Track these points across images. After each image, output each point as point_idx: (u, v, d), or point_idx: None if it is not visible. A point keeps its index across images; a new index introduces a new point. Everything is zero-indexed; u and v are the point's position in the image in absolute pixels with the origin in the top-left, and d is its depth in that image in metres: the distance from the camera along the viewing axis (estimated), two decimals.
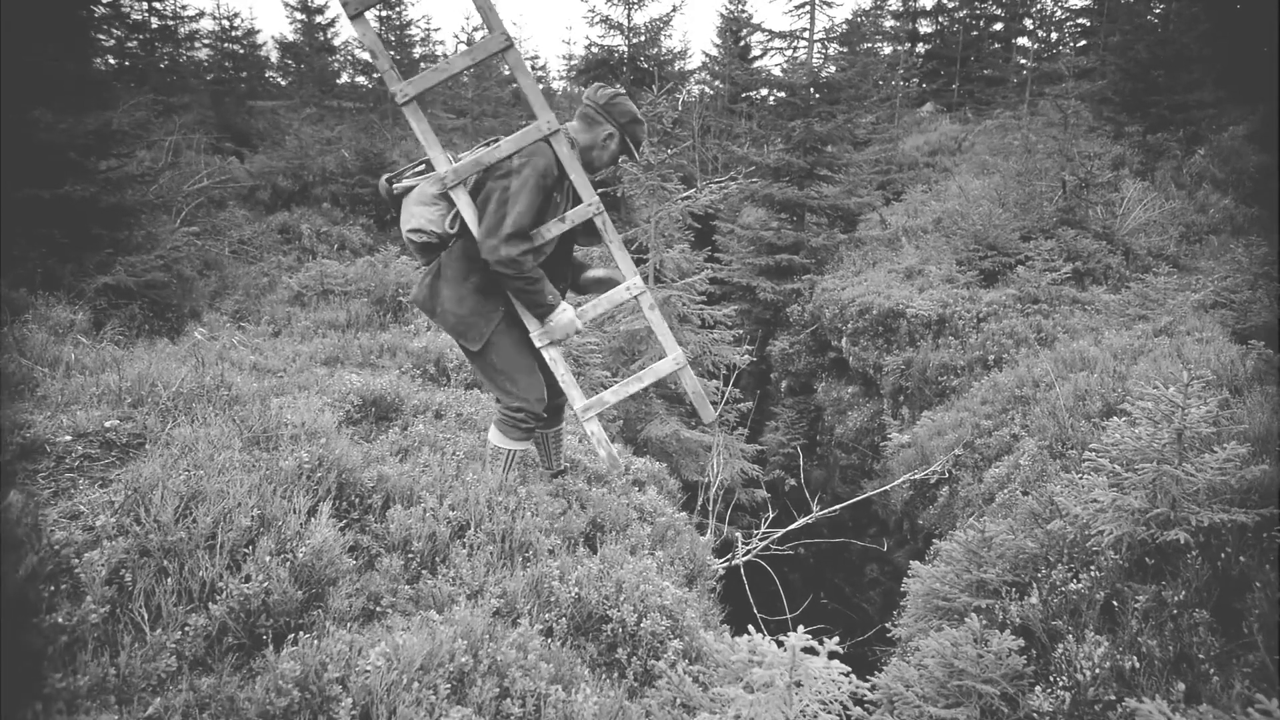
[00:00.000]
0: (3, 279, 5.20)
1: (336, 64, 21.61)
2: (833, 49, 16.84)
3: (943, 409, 6.78)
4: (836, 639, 2.15)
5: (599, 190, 3.30)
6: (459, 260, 2.91)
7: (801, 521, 4.80)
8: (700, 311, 7.75)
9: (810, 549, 6.63)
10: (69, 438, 2.86)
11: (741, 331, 8.57)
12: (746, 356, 7.90)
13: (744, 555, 4.52)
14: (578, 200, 3.03)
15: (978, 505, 4.93)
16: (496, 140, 2.96)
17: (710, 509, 4.87)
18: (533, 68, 27.77)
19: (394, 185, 3.00)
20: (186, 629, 2.01)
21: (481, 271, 2.88)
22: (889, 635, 3.67)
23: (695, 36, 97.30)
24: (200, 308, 6.83)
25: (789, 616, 4.60)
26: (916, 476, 5.56)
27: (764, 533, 4.78)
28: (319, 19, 21.45)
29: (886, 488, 6.10)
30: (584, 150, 2.99)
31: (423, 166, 3.04)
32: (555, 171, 2.86)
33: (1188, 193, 10.91)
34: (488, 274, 2.87)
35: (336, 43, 21.76)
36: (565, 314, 3.00)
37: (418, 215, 2.88)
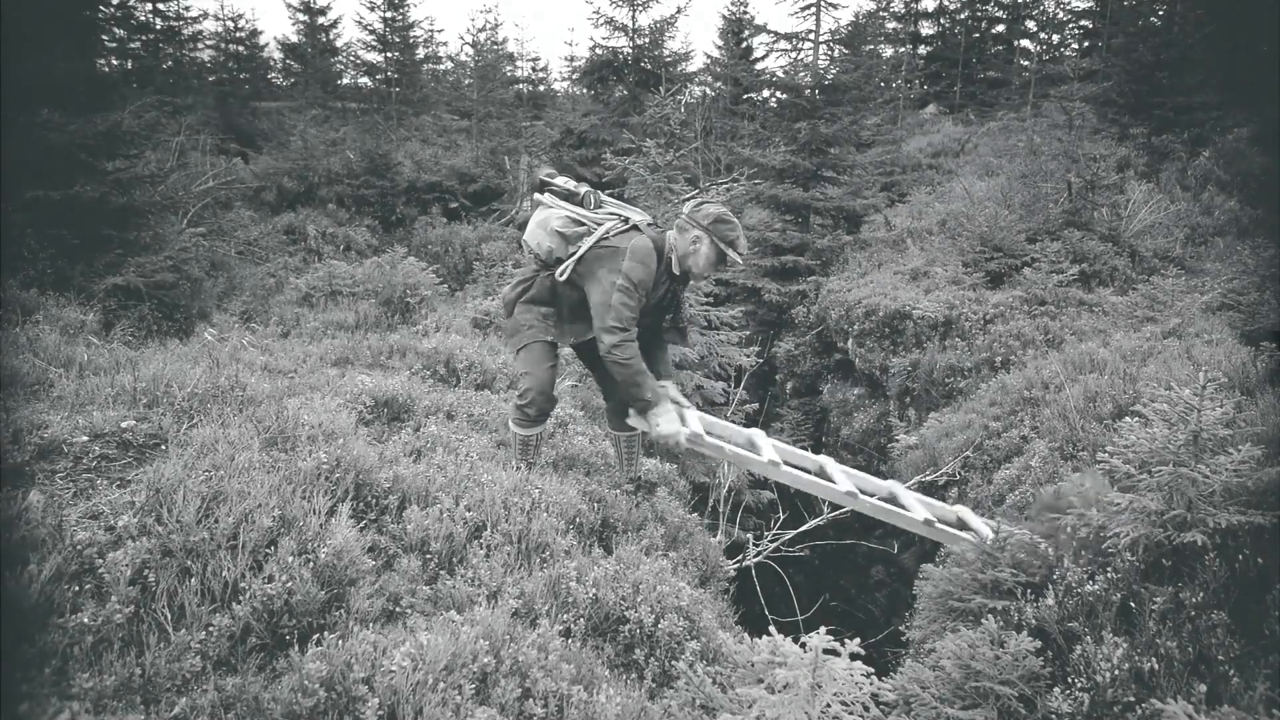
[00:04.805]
0: (10, 279, 5.21)
1: (339, 65, 21.65)
2: (837, 51, 16.84)
3: (950, 411, 6.77)
4: (857, 640, 2.15)
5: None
6: (544, 289, 3.36)
7: (814, 523, 4.80)
8: (706, 313, 7.75)
9: (815, 551, 6.63)
10: (86, 438, 2.87)
11: (748, 333, 8.57)
12: (753, 358, 7.89)
13: (756, 556, 4.52)
14: (662, 301, 3.33)
15: (987, 507, 4.92)
16: (621, 218, 3.30)
17: (720, 511, 4.87)
18: (534, 69, 27.79)
19: (544, 185, 3.44)
20: (210, 629, 2.02)
21: (549, 304, 3.37)
22: (902, 637, 3.67)
23: (697, 38, 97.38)
24: (209, 308, 6.84)
25: (800, 618, 4.60)
26: (926, 478, 5.56)
27: (775, 534, 4.78)
28: (321, 20, 21.50)
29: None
30: (681, 258, 3.24)
31: (569, 189, 3.39)
32: (650, 281, 3.15)
33: (1193, 195, 10.90)
34: (553, 306, 3.36)
35: (339, 44, 21.82)
36: (667, 425, 3.14)
37: (537, 235, 3.30)
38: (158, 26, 17.97)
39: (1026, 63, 22.47)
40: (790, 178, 12.22)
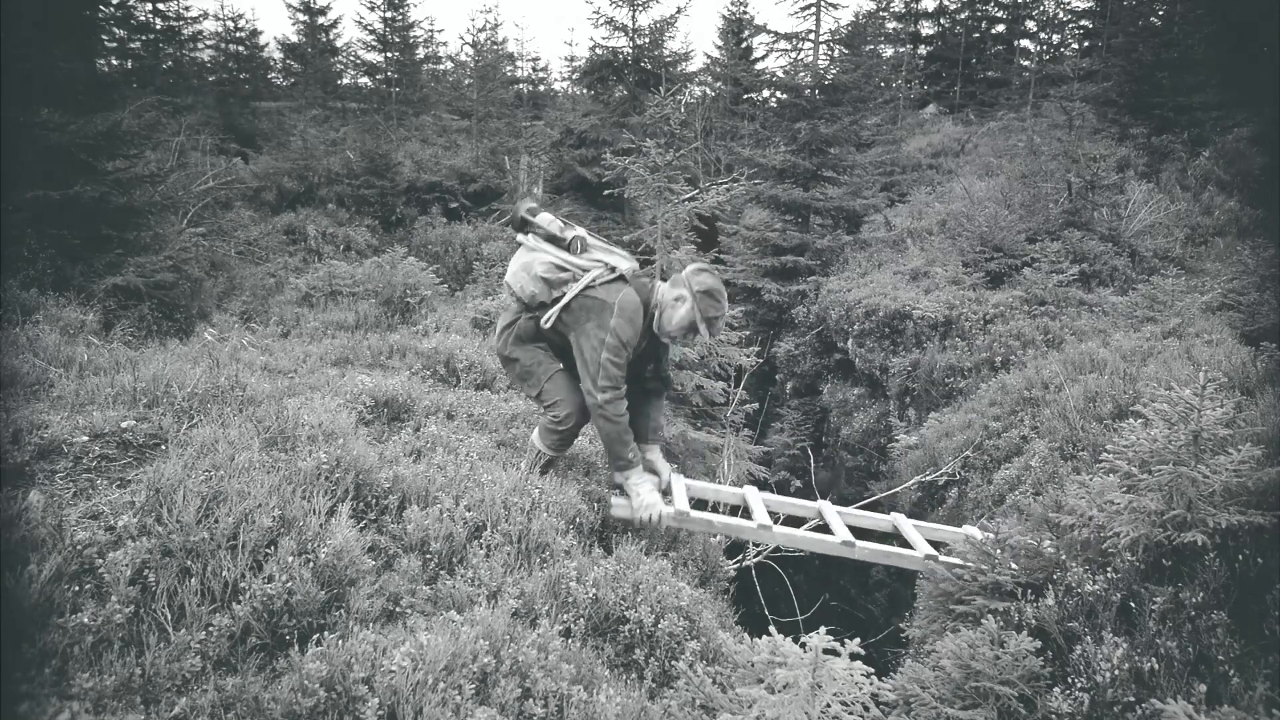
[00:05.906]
0: (10, 279, 5.21)
1: (339, 65, 21.67)
2: (837, 51, 16.84)
3: (950, 410, 6.78)
4: (857, 640, 2.15)
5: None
6: (529, 329, 3.36)
7: (814, 522, 4.78)
8: None
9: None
10: (86, 438, 2.87)
11: (748, 333, 8.57)
12: (753, 358, 7.89)
13: (756, 556, 4.52)
14: (644, 353, 3.34)
15: (987, 507, 4.92)
16: (608, 266, 3.25)
17: (720, 510, 4.85)
18: (534, 69, 27.80)
19: (526, 224, 3.37)
20: (210, 629, 2.02)
21: (537, 341, 3.37)
22: (902, 636, 3.67)
23: (697, 38, 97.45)
24: (209, 308, 6.84)
25: (800, 618, 4.60)
26: (926, 478, 5.55)
27: None
28: (321, 20, 21.51)
29: (896, 490, 6.10)
30: (660, 308, 3.23)
31: (553, 233, 3.31)
32: (637, 338, 3.17)
33: (1193, 195, 10.90)
34: (549, 342, 3.36)
35: (339, 44, 21.83)
36: (648, 494, 3.21)
37: (521, 278, 3.26)
38: (158, 26, 18.00)
39: (1026, 63, 22.51)
40: (790, 178, 12.24)
